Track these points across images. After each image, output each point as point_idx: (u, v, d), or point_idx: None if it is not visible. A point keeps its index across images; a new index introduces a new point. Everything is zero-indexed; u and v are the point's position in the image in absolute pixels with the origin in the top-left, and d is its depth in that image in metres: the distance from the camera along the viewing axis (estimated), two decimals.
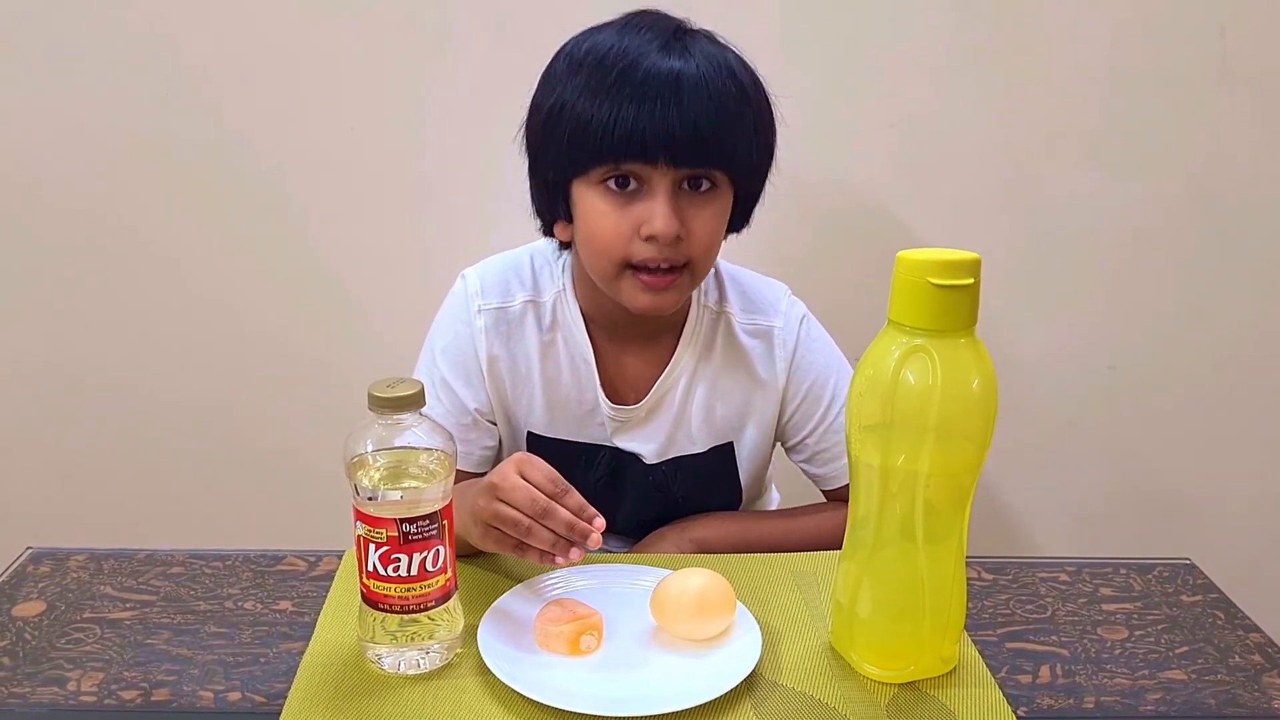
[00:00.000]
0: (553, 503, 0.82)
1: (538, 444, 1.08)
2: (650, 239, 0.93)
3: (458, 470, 0.88)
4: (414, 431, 0.77)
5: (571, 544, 0.82)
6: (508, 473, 0.84)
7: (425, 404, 0.77)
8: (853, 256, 1.46)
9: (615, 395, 1.07)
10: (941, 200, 1.45)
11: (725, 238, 1.02)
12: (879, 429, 0.75)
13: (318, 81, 1.40)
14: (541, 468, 0.84)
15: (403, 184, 1.44)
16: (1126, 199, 1.44)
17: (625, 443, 1.08)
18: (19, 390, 1.54)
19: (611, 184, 0.93)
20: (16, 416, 1.56)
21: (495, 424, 1.09)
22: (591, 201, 0.95)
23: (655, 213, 0.92)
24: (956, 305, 0.72)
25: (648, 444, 1.08)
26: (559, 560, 0.83)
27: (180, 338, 1.51)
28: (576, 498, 0.84)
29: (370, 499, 0.76)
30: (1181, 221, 1.46)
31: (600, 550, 1.15)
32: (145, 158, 1.43)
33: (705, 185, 0.95)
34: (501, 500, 0.83)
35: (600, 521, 0.83)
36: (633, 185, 0.93)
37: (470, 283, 1.06)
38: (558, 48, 0.97)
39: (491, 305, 1.05)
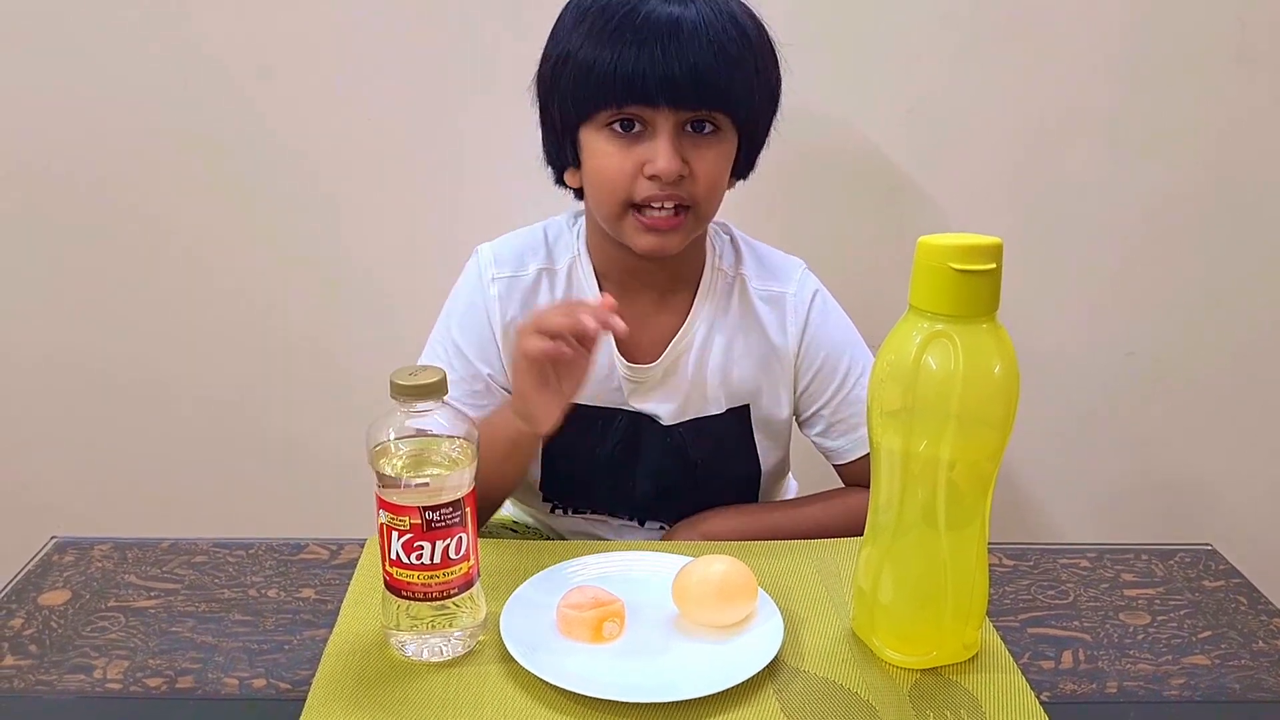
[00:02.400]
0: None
1: None
2: (653, 178, 0.96)
3: None
4: (436, 419, 0.78)
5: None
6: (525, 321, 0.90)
7: (448, 392, 0.78)
8: (870, 242, 1.46)
9: (630, 355, 1.08)
10: (957, 185, 1.44)
11: (731, 185, 1.05)
12: (900, 415, 0.75)
13: (336, 70, 1.40)
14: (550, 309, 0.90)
15: (422, 173, 1.44)
16: (1144, 184, 1.43)
17: (642, 404, 1.09)
18: (43, 384, 1.55)
19: (616, 127, 0.97)
20: (41, 409, 1.57)
21: (509, 391, 1.09)
22: (598, 144, 0.98)
23: (658, 152, 0.95)
24: (978, 290, 0.72)
25: (665, 404, 1.09)
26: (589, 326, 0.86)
27: (200, 330, 1.52)
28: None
29: (393, 487, 0.77)
30: (1200, 206, 1.45)
31: (621, 539, 1.16)
32: (167, 150, 1.43)
33: (708, 128, 0.98)
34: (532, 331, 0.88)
35: (608, 299, 0.88)
36: (637, 128, 0.96)
37: (483, 256, 1.09)
38: None
39: (504, 274, 1.08)
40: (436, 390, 0.76)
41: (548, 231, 1.11)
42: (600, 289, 1.08)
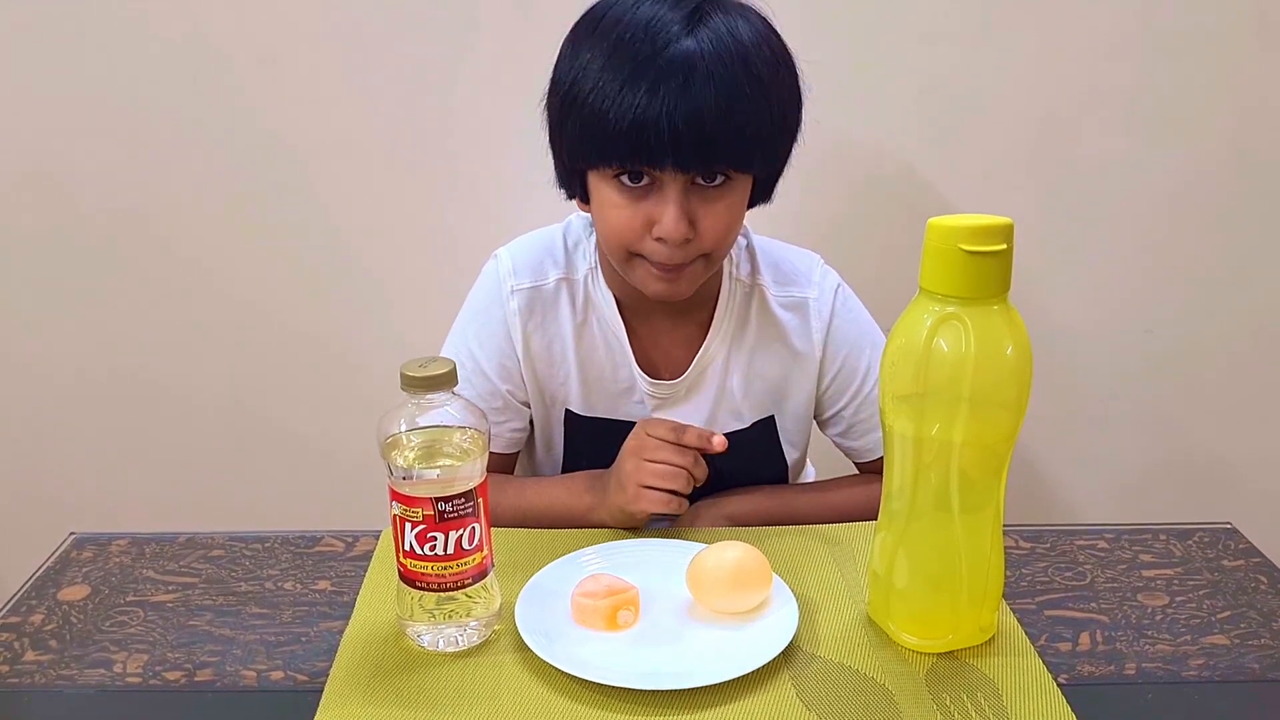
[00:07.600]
0: (685, 448, 0.94)
1: (576, 423, 1.08)
2: (660, 240, 0.93)
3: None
4: (447, 410, 0.78)
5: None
6: (641, 437, 0.96)
7: (458, 383, 0.78)
8: (883, 224, 1.45)
9: (652, 372, 1.07)
10: (973, 165, 1.43)
11: (750, 208, 1.01)
12: (912, 398, 0.74)
13: (339, 66, 1.40)
14: (662, 422, 0.96)
15: (427, 166, 1.44)
16: (1162, 160, 1.42)
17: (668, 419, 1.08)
18: (60, 385, 1.57)
19: (624, 179, 0.92)
20: (59, 410, 1.58)
21: (526, 405, 1.09)
22: (606, 193, 0.94)
23: (665, 214, 0.91)
24: (989, 272, 0.71)
25: (692, 419, 1.07)
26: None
27: (213, 329, 1.53)
28: (693, 430, 0.95)
29: (405, 479, 0.77)
30: (1218, 183, 1.43)
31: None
32: (174, 149, 1.43)
33: (719, 179, 0.93)
34: (651, 460, 0.93)
35: (719, 438, 0.95)
36: (645, 180, 0.92)
37: (503, 263, 1.06)
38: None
39: (524, 285, 1.05)
40: (447, 382, 0.76)
41: (567, 237, 1.08)
42: (619, 307, 1.05)
